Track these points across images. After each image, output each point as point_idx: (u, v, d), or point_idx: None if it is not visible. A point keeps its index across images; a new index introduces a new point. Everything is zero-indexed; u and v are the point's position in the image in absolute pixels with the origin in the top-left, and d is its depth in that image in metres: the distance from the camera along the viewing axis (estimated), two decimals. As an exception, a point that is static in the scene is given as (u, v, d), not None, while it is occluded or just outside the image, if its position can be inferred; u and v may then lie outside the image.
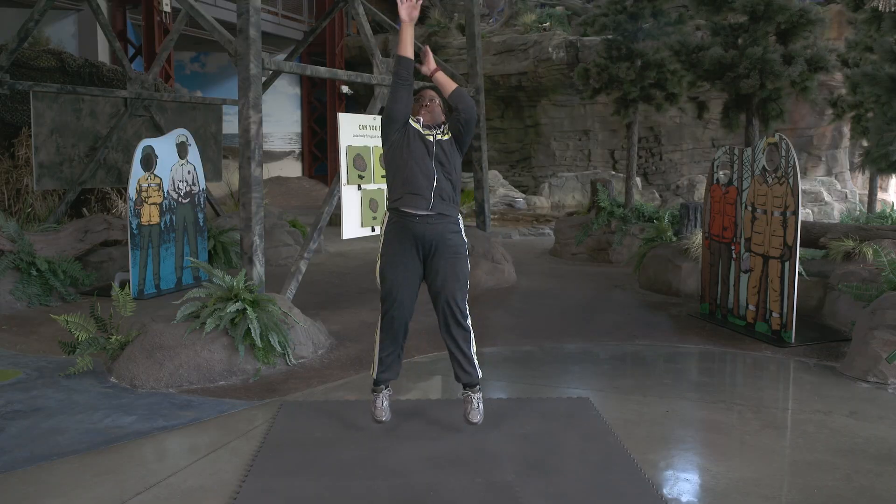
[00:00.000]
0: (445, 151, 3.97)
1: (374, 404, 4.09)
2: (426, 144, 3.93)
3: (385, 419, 4.05)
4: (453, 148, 4.00)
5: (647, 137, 17.56)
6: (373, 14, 8.88)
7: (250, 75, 5.79)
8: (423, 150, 3.92)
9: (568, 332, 6.48)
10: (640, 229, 10.14)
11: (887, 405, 4.63)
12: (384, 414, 4.05)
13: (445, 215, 3.91)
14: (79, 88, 9.50)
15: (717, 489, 3.48)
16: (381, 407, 4.06)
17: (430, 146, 3.94)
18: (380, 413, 4.05)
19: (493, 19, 19.80)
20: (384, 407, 4.07)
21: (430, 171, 3.89)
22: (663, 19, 10.42)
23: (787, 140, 6.03)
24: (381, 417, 4.05)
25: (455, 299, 3.93)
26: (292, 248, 10.12)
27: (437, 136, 3.99)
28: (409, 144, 3.92)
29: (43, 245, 7.74)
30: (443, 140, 3.99)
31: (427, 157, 3.91)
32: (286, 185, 18.79)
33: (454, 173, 3.98)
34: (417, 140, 3.94)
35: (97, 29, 13.12)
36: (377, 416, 4.05)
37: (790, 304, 5.94)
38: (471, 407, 4.01)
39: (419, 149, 3.92)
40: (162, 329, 5.20)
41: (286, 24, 19.09)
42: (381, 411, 4.05)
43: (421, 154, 3.91)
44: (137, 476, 3.60)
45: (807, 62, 8.42)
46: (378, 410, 4.06)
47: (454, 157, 4.00)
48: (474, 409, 4.00)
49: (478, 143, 9.04)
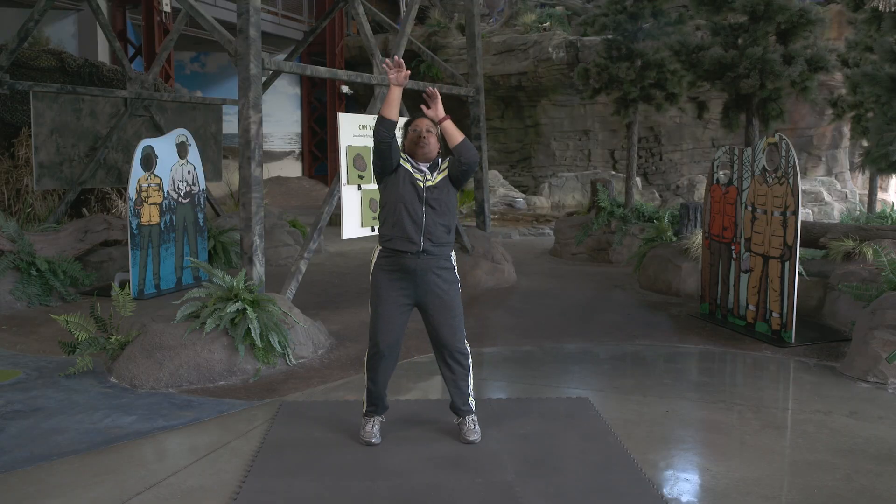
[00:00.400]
0: (437, 195, 3.86)
1: (364, 428, 3.99)
2: (417, 190, 3.83)
3: (375, 442, 3.93)
4: (448, 187, 3.90)
5: (647, 137, 17.56)
6: (373, 14, 8.88)
7: (250, 75, 5.79)
8: (414, 194, 3.82)
9: (568, 332, 6.48)
10: (640, 229, 10.15)
11: (887, 405, 4.63)
12: (374, 437, 3.95)
13: (436, 255, 3.85)
14: (79, 88, 9.50)
15: (717, 489, 3.48)
16: (370, 430, 3.97)
17: (420, 192, 3.83)
18: (369, 436, 3.95)
19: (493, 19, 19.80)
20: (374, 431, 3.98)
21: (420, 218, 3.81)
22: (663, 19, 10.43)
23: (787, 140, 6.03)
24: (370, 440, 3.94)
25: (448, 338, 3.91)
26: (292, 248, 10.12)
27: (429, 181, 3.87)
28: (400, 187, 3.83)
29: (43, 245, 7.74)
30: (434, 185, 3.87)
31: (417, 202, 3.82)
32: (286, 185, 18.79)
33: (447, 215, 3.89)
34: (408, 184, 3.83)
35: (97, 29, 13.13)
36: (366, 439, 3.94)
37: (790, 304, 5.94)
38: (467, 428, 4.01)
39: (409, 193, 3.82)
40: (162, 329, 5.20)
41: (286, 24, 19.10)
42: (370, 434, 3.96)
43: (411, 198, 3.82)
44: (137, 476, 3.60)
45: (807, 62, 8.42)
46: (367, 434, 3.96)
47: (449, 198, 3.90)
48: (470, 429, 4.00)
49: (478, 143, 9.03)
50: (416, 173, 3.87)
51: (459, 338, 3.95)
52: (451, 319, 3.91)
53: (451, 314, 3.91)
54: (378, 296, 3.90)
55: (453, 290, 3.92)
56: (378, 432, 3.98)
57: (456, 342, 3.93)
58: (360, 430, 4.00)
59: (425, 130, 3.91)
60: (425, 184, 3.85)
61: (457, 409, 4.05)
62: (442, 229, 3.85)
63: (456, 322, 3.93)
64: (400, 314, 3.90)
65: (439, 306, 3.88)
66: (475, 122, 9.03)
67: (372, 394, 3.99)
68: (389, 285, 3.87)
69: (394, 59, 3.83)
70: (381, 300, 3.88)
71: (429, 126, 3.92)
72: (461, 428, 4.02)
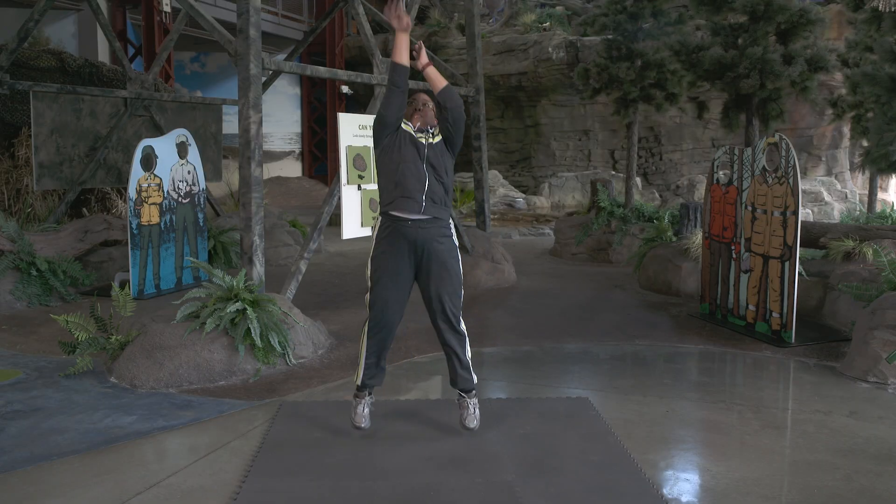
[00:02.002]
0: (437, 154, 3.95)
1: (355, 410, 4.01)
2: (418, 148, 3.92)
3: (364, 426, 3.96)
4: (444, 150, 3.99)
5: (647, 137, 17.57)
6: (373, 14, 8.87)
7: (250, 75, 5.79)
8: (415, 153, 3.91)
9: (568, 332, 6.48)
10: (640, 229, 10.15)
11: (887, 405, 4.63)
12: (363, 420, 3.97)
13: (437, 218, 3.90)
14: (79, 88, 9.50)
15: (717, 489, 3.48)
16: (361, 413, 3.98)
17: (421, 149, 3.93)
18: (359, 419, 3.97)
19: (493, 19, 19.80)
20: (365, 414, 3.99)
21: (422, 175, 3.88)
22: (663, 19, 10.42)
23: (787, 140, 6.03)
24: (360, 424, 3.96)
25: (449, 305, 3.93)
26: (292, 248, 10.12)
27: (429, 139, 3.99)
28: (401, 148, 3.91)
29: (43, 245, 7.74)
30: (434, 143, 3.97)
31: (419, 160, 3.90)
32: (286, 185, 18.79)
33: (446, 176, 3.96)
34: (409, 143, 3.93)
35: (97, 29, 13.13)
36: (356, 423, 3.97)
37: (790, 304, 5.94)
38: (467, 412, 4.01)
39: (410, 152, 3.91)
40: (162, 329, 5.20)
41: (286, 24, 19.10)
42: (360, 417, 3.97)
43: (412, 157, 3.90)
44: (137, 476, 3.60)
45: (807, 62, 8.42)
46: (358, 416, 3.98)
47: (446, 159, 3.99)
48: (470, 414, 4.00)
49: (478, 143, 9.04)
50: (416, 133, 3.98)
51: (456, 302, 3.97)
52: (451, 285, 3.94)
53: (451, 280, 3.94)
54: (379, 266, 3.92)
55: (453, 255, 3.97)
56: (368, 415, 3.99)
57: (453, 307, 3.94)
58: (351, 411, 4.02)
59: (421, 103, 4.06)
60: (426, 141, 3.95)
61: (460, 382, 4.04)
62: (441, 189, 3.92)
63: (456, 287, 3.96)
64: (402, 283, 3.92)
65: (440, 272, 3.90)
66: (475, 122, 9.02)
67: (369, 368, 4.00)
68: (391, 254, 3.89)
69: (395, 8, 3.87)
70: (382, 269, 3.91)
71: (425, 100, 4.08)
72: (461, 412, 4.03)
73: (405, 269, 3.91)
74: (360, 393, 4.04)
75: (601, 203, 10.67)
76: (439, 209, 3.91)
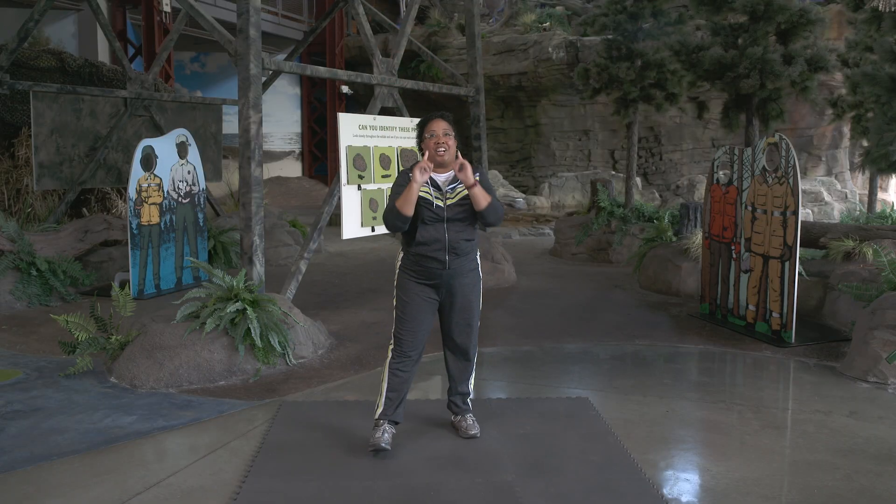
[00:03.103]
0: (460, 211, 3.71)
1: (375, 434, 3.78)
2: (437, 212, 3.68)
3: (384, 446, 3.73)
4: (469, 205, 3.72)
5: (647, 137, 17.57)
6: (373, 14, 8.88)
7: (250, 75, 5.79)
8: (433, 216, 3.69)
9: (568, 332, 6.48)
10: (640, 229, 10.15)
11: (887, 405, 4.63)
12: (384, 442, 3.75)
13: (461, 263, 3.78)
14: (79, 88, 9.51)
15: (717, 489, 3.48)
16: (380, 437, 3.76)
17: (441, 213, 3.69)
18: (378, 441, 3.74)
19: (493, 19, 19.80)
20: (385, 438, 3.77)
21: (443, 236, 3.69)
22: (663, 19, 10.42)
23: (787, 140, 6.03)
24: (380, 444, 3.73)
25: (466, 339, 3.93)
26: (292, 248, 10.12)
27: (449, 198, 3.71)
28: (419, 210, 3.67)
29: (43, 245, 7.74)
30: (453, 203, 3.71)
31: (439, 222, 3.70)
32: (286, 185, 18.79)
33: (470, 227, 3.76)
34: (425, 209, 3.67)
35: (97, 29, 13.13)
36: (377, 444, 3.73)
37: (790, 304, 5.94)
38: (465, 423, 4.03)
39: (428, 214, 3.68)
40: (162, 329, 5.20)
41: (286, 24, 19.10)
42: (380, 440, 3.75)
43: (431, 219, 3.69)
44: (137, 476, 3.60)
45: (807, 62, 8.42)
46: (376, 439, 3.76)
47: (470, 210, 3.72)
48: (469, 424, 4.02)
49: (478, 143, 9.04)
50: (433, 193, 3.69)
51: (474, 339, 3.97)
52: (470, 319, 3.91)
53: (471, 314, 3.90)
54: (404, 297, 3.83)
55: (476, 290, 3.91)
56: (389, 440, 3.77)
57: (470, 344, 3.96)
58: (371, 435, 3.81)
59: (443, 134, 3.71)
60: (445, 202, 3.71)
61: (456, 406, 4.07)
62: (465, 243, 3.76)
63: (473, 322, 3.93)
64: (426, 314, 3.83)
65: (461, 306, 3.86)
66: (475, 122, 9.03)
67: (390, 400, 3.81)
68: (416, 287, 3.80)
69: (425, 164, 3.64)
70: (408, 301, 3.81)
71: (446, 129, 3.73)
72: (461, 425, 4.03)
73: (429, 299, 3.82)
74: (380, 422, 3.83)
75: (601, 203, 10.67)
76: (464, 257, 3.77)
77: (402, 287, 3.85)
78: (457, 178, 3.71)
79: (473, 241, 3.83)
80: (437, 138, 3.71)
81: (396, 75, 7.49)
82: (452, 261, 3.74)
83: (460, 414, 4.07)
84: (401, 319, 3.85)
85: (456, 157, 3.75)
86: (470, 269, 3.85)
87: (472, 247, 3.82)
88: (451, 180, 3.75)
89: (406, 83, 7.80)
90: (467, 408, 4.09)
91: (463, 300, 3.85)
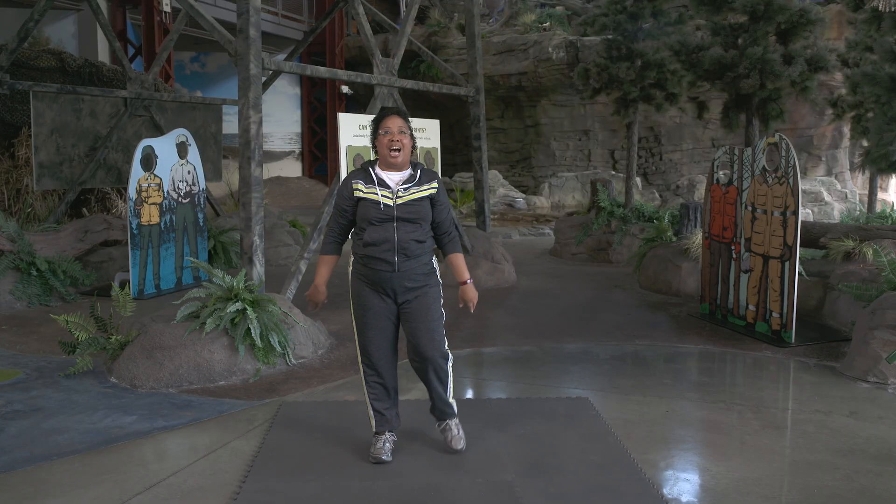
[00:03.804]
0: (411, 210, 3.54)
1: (375, 445, 3.72)
2: (385, 212, 3.51)
3: (385, 459, 3.67)
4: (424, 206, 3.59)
5: (647, 137, 17.57)
6: (373, 14, 8.88)
7: (250, 75, 5.79)
8: (382, 216, 3.52)
9: (568, 332, 6.48)
10: (640, 229, 10.15)
11: (887, 405, 4.63)
12: (384, 454, 3.69)
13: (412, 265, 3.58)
14: (79, 88, 9.51)
15: (717, 489, 3.48)
16: (381, 447, 3.71)
17: (391, 211, 3.52)
18: (379, 452, 3.68)
19: (493, 19, 19.80)
20: (386, 448, 3.71)
21: (392, 236, 3.51)
22: (663, 19, 10.43)
23: (787, 140, 6.03)
24: (381, 457, 3.67)
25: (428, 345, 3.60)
26: (292, 248, 10.12)
27: (400, 198, 3.53)
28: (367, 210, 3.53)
29: (43, 245, 7.75)
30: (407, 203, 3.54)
31: (389, 221, 3.53)
32: (286, 185, 18.80)
33: (421, 227, 3.58)
34: (373, 209, 3.52)
35: (97, 29, 13.13)
36: (377, 456, 3.68)
37: (790, 304, 5.94)
38: (451, 434, 3.81)
39: (376, 215, 3.52)
40: (162, 329, 5.20)
41: (286, 24, 19.10)
42: (380, 451, 3.69)
43: (379, 219, 3.52)
44: (137, 476, 3.60)
45: (807, 62, 8.42)
46: (377, 450, 3.70)
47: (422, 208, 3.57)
48: (455, 436, 3.81)
49: (478, 143, 9.04)
50: (380, 193, 3.53)
51: (437, 345, 3.63)
52: (429, 323, 3.60)
53: (429, 318, 3.60)
54: (360, 304, 3.64)
55: (432, 294, 3.65)
56: (390, 450, 3.72)
57: (433, 349, 3.61)
58: (371, 445, 3.75)
59: (398, 132, 3.54)
60: (395, 201, 3.53)
61: (438, 413, 3.83)
62: (416, 245, 3.55)
63: (433, 325, 3.62)
64: (387, 320, 3.63)
65: (416, 310, 3.60)
66: (475, 122, 9.03)
67: (380, 414, 3.73)
68: (370, 293, 3.61)
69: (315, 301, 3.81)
70: (365, 308, 3.62)
71: (402, 126, 3.56)
72: (445, 435, 3.83)
73: (387, 309, 3.62)
74: (378, 434, 3.77)
75: (601, 203, 10.67)
76: (414, 259, 3.57)
77: (356, 294, 3.65)
78: (411, 180, 3.58)
79: (426, 244, 3.61)
80: (391, 135, 3.54)
81: (396, 75, 7.49)
82: (402, 262, 3.53)
83: (445, 419, 3.83)
84: (361, 329, 3.66)
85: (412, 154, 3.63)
86: (423, 273, 3.61)
87: (423, 249, 3.60)
88: (406, 180, 3.58)
89: (406, 83, 7.80)
90: (449, 413, 3.81)
91: (418, 305, 3.60)
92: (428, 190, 3.61)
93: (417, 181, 3.62)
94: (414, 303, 3.62)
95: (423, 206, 3.58)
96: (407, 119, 3.64)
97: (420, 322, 3.61)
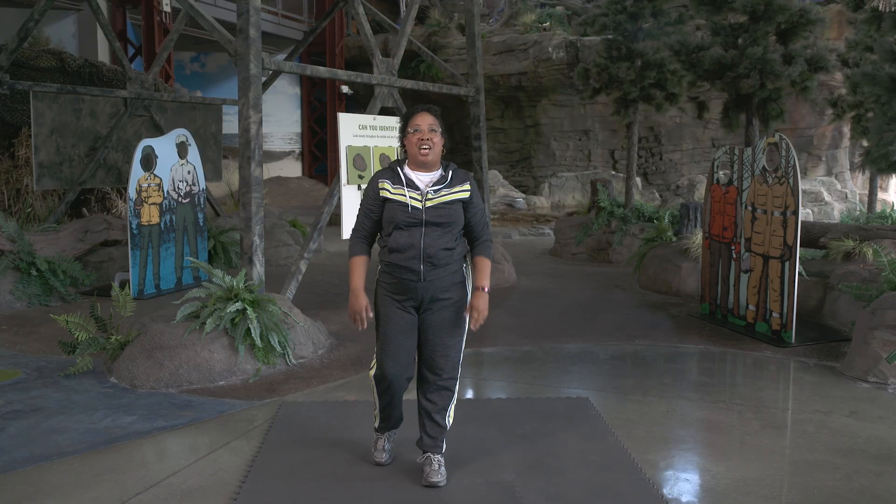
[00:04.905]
0: (441, 213, 3.31)
1: (375, 445, 3.69)
2: (413, 215, 3.29)
3: (384, 461, 3.64)
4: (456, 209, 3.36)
5: (647, 137, 17.57)
6: (373, 14, 8.88)
7: (250, 75, 5.79)
8: (410, 220, 3.30)
9: (568, 332, 6.48)
10: (640, 229, 10.15)
11: (887, 405, 4.63)
12: (383, 456, 3.65)
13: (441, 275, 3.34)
14: (79, 88, 9.50)
15: (717, 489, 3.48)
16: (381, 448, 3.66)
17: (419, 214, 3.29)
18: (379, 455, 3.66)
19: (493, 19, 19.80)
20: (386, 449, 3.67)
21: (419, 242, 3.28)
22: (663, 19, 10.43)
23: (787, 140, 6.03)
24: (380, 459, 3.65)
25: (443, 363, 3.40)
26: (292, 248, 10.12)
27: (429, 200, 3.31)
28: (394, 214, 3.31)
29: (43, 245, 7.74)
30: (436, 206, 3.31)
31: (417, 226, 3.30)
32: (286, 185, 18.80)
33: (452, 231, 3.35)
34: (401, 212, 3.30)
35: (97, 29, 13.13)
36: (376, 459, 3.66)
37: (790, 304, 5.94)
38: (431, 468, 3.45)
39: (404, 219, 3.30)
40: (162, 329, 5.20)
41: (286, 24, 19.10)
42: (380, 453, 3.66)
43: (407, 223, 3.30)
44: (137, 476, 3.60)
45: (807, 62, 8.42)
46: (377, 452, 3.67)
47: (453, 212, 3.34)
48: (435, 469, 3.45)
49: (478, 143, 9.03)
50: (408, 194, 3.31)
51: (452, 364, 3.43)
52: (447, 339, 3.40)
53: (449, 334, 3.41)
54: (381, 316, 3.41)
55: (458, 307, 3.43)
56: (390, 450, 3.68)
57: (446, 367, 3.41)
58: (371, 446, 3.73)
59: (428, 129, 3.34)
60: (424, 204, 3.31)
61: (425, 445, 3.49)
62: (444, 252, 3.32)
63: (451, 342, 3.41)
64: (408, 336, 3.40)
65: (437, 324, 3.39)
66: (475, 122, 9.02)
67: (383, 412, 3.61)
68: (392, 304, 3.39)
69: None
70: (387, 320, 3.39)
71: (432, 124, 3.35)
72: (424, 468, 3.47)
73: (408, 316, 3.39)
74: (381, 429, 3.70)
75: (601, 203, 10.67)
76: (443, 268, 3.34)
77: (379, 304, 3.43)
78: (442, 181, 3.36)
79: (455, 251, 3.36)
80: (421, 134, 3.33)
81: (396, 75, 7.49)
82: (428, 272, 3.29)
83: (429, 451, 3.47)
84: (380, 341, 3.43)
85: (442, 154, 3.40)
86: (452, 283, 3.38)
87: (452, 257, 3.35)
88: (437, 182, 3.36)
89: (406, 83, 7.80)
90: (437, 446, 3.48)
91: (439, 318, 3.37)
92: (460, 192, 3.37)
93: (449, 182, 3.38)
94: (436, 315, 3.38)
95: (454, 210, 3.35)
96: (438, 117, 3.42)
97: (437, 336, 3.40)
